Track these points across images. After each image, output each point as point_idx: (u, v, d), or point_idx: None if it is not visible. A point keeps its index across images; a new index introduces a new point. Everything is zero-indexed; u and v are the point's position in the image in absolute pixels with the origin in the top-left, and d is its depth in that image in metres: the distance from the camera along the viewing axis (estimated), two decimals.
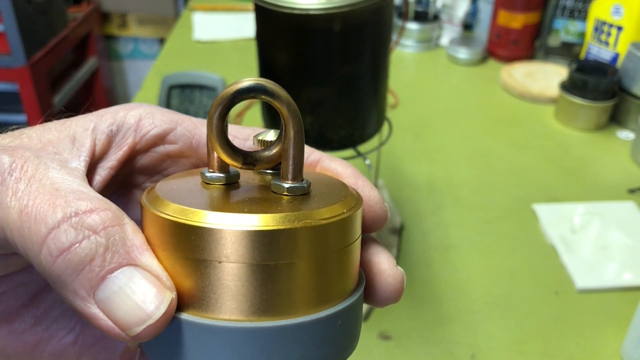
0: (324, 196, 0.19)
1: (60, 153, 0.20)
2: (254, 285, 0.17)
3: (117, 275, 0.17)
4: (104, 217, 0.17)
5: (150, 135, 0.22)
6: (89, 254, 0.17)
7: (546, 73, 1.12)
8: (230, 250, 0.17)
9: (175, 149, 0.23)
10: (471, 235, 0.74)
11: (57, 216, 0.17)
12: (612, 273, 0.67)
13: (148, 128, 0.22)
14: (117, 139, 0.22)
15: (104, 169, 0.22)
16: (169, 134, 0.23)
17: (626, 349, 0.56)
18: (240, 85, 0.19)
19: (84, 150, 0.21)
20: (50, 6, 1.52)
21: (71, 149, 0.21)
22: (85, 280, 0.17)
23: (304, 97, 0.53)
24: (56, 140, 0.21)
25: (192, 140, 0.23)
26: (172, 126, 0.23)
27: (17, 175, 0.18)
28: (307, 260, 0.18)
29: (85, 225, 0.17)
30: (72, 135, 0.21)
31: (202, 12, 1.41)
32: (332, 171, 0.23)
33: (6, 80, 1.45)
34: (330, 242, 0.18)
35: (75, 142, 0.21)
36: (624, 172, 0.87)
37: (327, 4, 0.47)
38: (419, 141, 0.94)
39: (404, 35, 1.24)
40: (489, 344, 0.59)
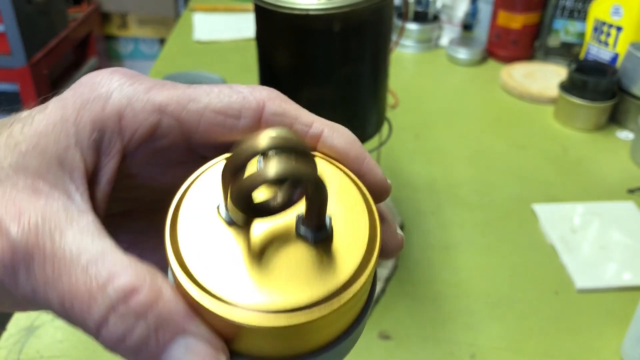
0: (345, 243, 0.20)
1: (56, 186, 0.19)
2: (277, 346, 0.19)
3: (173, 346, 0.17)
4: (145, 297, 0.17)
5: (137, 137, 0.21)
6: (142, 338, 0.17)
7: (546, 73, 1.12)
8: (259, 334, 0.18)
9: (165, 143, 0.21)
10: (471, 235, 0.74)
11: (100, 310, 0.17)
12: (612, 273, 0.67)
13: (132, 127, 0.20)
14: (104, 146, 0.20)
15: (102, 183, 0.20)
16: (156, 129, 0.21)
17: (626, 349, 0.56)
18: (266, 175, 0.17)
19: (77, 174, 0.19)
20: (50, 6, 1.53)
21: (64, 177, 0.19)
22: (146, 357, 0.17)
23: (304, 97, 0.53)
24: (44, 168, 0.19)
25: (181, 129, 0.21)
26: (156, 118, 0.20)
27: (39, 259, 0.17)
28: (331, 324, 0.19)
29: (131, 313, 0.17)
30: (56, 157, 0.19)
31: (202, 12, 1.41)
32: (335, 152, 0.22)
33: (6, 80, 1.45)
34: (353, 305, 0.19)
35: (63, 166, 0.19)
36: (624, 172, 0.87)
37: (327, 4, 0.47)
38: (419, 141, 0.94)
39: (403, 35, 1.24)
40: (488, 343, 0.59)
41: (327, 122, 0.22)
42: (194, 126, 0.21)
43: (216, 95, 0.21)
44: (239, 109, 0.21)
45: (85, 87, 0.20)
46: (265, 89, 0.22)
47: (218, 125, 0.21)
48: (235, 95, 0.21)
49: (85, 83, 0.21)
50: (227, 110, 0.21)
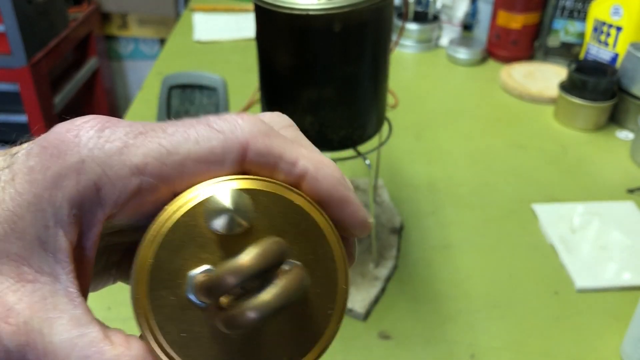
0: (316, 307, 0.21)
1: (42, 270, 0.18)
2: None
3: None
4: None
5: (118, 203, 0.19)
6: None
7: (545, 73, 1.12)
8: None
9: (147, 199, 0.20)
10: (471, 235, 0.74)
11: None
12: (612, 273, 0.67)
13: (112, 197, 0.19)
14: (85, 218, 0.19)
15: (88, 250, 0.20)
16: (136, 192, 0.19)
17: (625, 349, 0.57)
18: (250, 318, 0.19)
19: (61, 256, 0.19)
20: (50, 6, 1.53)
21: (47, 259, 0.18)
22: None
23: (304, 97, 0.54)
24: (26, 252, 0.18)
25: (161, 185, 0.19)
26: (135, 183, 0.19)
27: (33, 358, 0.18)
28: None
29: None
30: (37, 240, 0.18)
31: (202, 12, 1.41)
32: (318, 197, 0.21)
33: (7, 80, 1.45)
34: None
35: (46, 247, 0.18)
36: (624, 172, 0.87)
37: (327, 4, 0.47)
38: (419, 141, 0.94)
39: (403, 35, 1.24)
40: (488, 343, 0.59)
41: (313, 159, 0.21)
42: (176, 178, 0.20)
43: (194, 141, 0.19)
44: (221, 154, 0.20)
45: (52, 156, 0.19)
46: (247, 122, 0.20)
47: (201, 174, 0.20)
48: (215, 138, 0.20)
49: (52, 149, 0.19)
50: (209, 157, 0.20)
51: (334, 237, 0.21)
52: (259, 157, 0.20)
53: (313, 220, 0.21)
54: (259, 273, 0.18)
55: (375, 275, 0.65)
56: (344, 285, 0.21)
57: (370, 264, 0.67)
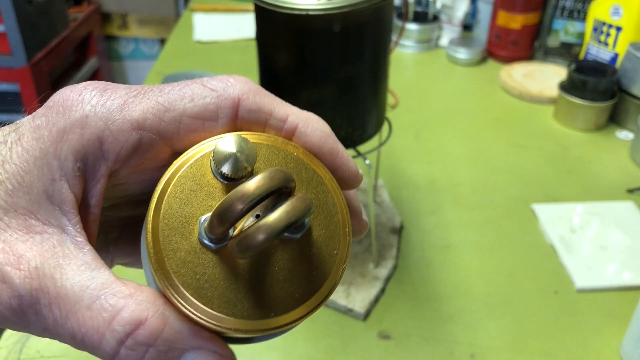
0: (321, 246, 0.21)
1: (49, 222, 0.19)
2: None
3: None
4: (151, 327, 0.18)
5: (120, 157, 0.20)
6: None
7: (545, 73, 1.12)
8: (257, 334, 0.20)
9: (148, 155, 0.21)
10: (471, 235, 0.74)
11: (111, 345, 0.18)
12: (611, 273, 0.67)
13: (115, 150, 0.20)
14: (89, 172, 0.20)
15: (92, 206, 0.20)
16: (137, 147, 0.20)
17: (625, 348, 0.57)
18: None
19: (67, 207, 0.19)
20: (51, 7, 1.53)
21: (54, 211, 0.19)
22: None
23: (304, 97, 0.54)
24: (34, 206, 0.19)
25: (161, 141, 0.21)
26: (136, 137, 0.20)
27: (45, 302, 0.18)
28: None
29: (140, 343, 0.18)
30: (44, 193, 0.19)
31: (202, 12, 1.41)
32: (309, 147, 0.22)
33: (7, 80, 1.45)
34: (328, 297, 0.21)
35: (52, 200, 0.19)
36: (623, 172, 0.87)
37: (327, 4, 0.48)
38: (419, 141, 0.94)
39: (403, 35, 1.24)
40: (488, 343, 0.59)
41: (302, 115, 0.22)
42: (174, 134, 0.21)
43: (190, 98, 0.21)
44: (215, 110, 0.21)
45: (58, 114, 0.20)
46: (238, 82, 0.22)
47: (197, 130, 0.21)
48: (208, 95, 0.21)
49: (57, 107, 0.20)
50: (204, 114, 0.21)
51: (334, 185, 0.22)
52: (250, 113, 0.22)
53: (312, 169, 0.22)
54: (265, 196, 0.19)
55: (375, 275, 0.65)
56: (346, 228, 0.21)
57: (370, 264, 0.67)
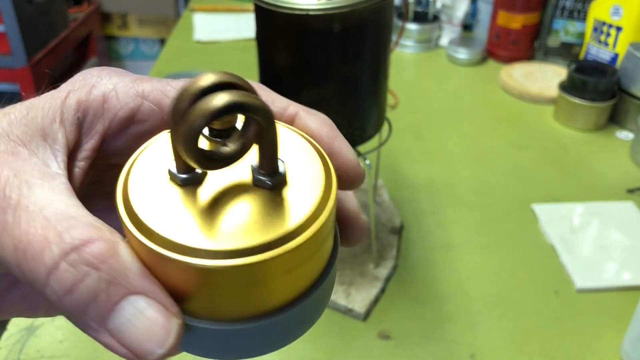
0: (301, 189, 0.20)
1: (35, 154, 0.19)
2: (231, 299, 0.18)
3: (123, 305, 0.17)
4: (100, 248, 0.17)
5: (119, 118, 0.21)
6: (92, 291, 0.17)
7: (545, 73, 1.12)
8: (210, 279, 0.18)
9: (146, 127, 0.22)
10: (471, 235, 0.74)
11: (53, 254, 0.17)
12: (611, 273, 0.67)
13: (114, 110, 0.21)
14: (86, 126, 0.21)
15: (80, 160, 0.21)
16: (137, 112, 0.22)
17: (625, 349, 0.57)
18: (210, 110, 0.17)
19: (58, 147, 0.20)
20: (51, 7, 1.53)
21: (44, 147, 0.20)
22: (93, 314, 0.17)
23: (304, 97, 0.54)
24: (26, 138, 0.20)
25: (161, 114, 0.22)
26: (138, 102, 0.22)
27: (3, 206, 0.17)
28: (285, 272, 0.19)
29: (84, 262, 0.17)
30: (41, 129, 0.20)
31: (202, 12, 1.41)
32: (308, 131, 0.22)
33: (7, 80, 1.45)
34: (307, 250, 0.19)
35: (46, 137, 0.20)
36: (623, 172, 0.87)
37: (327, 4, 0.47)
38: (419, 141, 0.94)
39: (403, 35, 1.24)
40: (488, 343, 0.59)
41: (303, 107, 0.23)
42: None
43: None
44: None
45: (77, 77, 0.22)
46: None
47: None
48: None
49: (79, 75, 0.22)
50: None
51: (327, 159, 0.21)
52: None
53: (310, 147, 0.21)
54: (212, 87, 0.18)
55: (375, 275, 0.65)
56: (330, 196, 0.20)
57: (370, 264, 0.67)
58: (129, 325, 0.17)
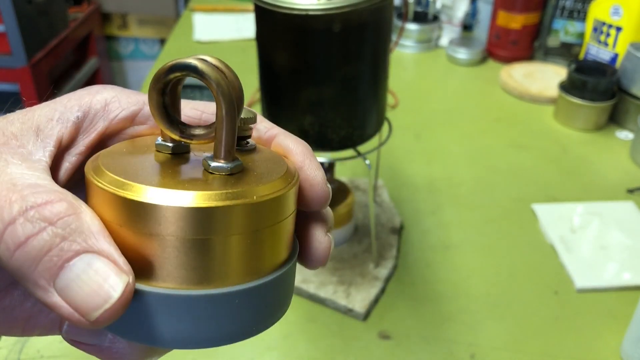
0: (262, 174, 0.21)
1: (23, 146, 0.20)
2: (189, 258, 0.19)
3: (75, 263, 0.17)
4: (60, 207, 0.17)
5: (119, 118, 0.22)
6: (45, 245, 0.17)
7: (545, 73, 1.12)
8: (166, 225, 0.18)
9: (145, 129, 0.23)
10: (471, 235, 0.74)
11: (12, 211, 0.17)
12: (612, 273, 0.67)
13: (116, 111, 0.22)
14: (85, 125, 0.22)
15: (73, 155, 0.22)
16: (137, 114, 0.23)
17: (625, 349, 0.57)
18: (173, 63, 0.19)
19: (49, 141, 0.21)
20: (50, 7, 1.53)
21: (35, 141, 0.20)
22: (44, 270, 0.17)
23: (304, 97, 0.54)
24: (19, 132, 0.20)
25: None
26: (139, 107, 0.23)
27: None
28: (241, 236, 0.19)
29: (41, 217, 0.17)
30: (36, 126, 0.21)
31: (202, 12, 1.41)
32: (284, 148, 0.23)
33: (7, 80, 1.45)
34: (263, 218, 0.20)
35: (39, 133, 0.21)
36: (623, 172, 0.87)
37: (327, 4, 0.47)
38: (419, 141, 0.94)
39: (403, 35, 1.24)
40: (488, 343, 0.59)
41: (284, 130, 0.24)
42: None
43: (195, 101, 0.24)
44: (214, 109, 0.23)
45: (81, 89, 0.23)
46: None
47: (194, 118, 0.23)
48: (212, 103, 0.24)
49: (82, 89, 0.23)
50: (205, 108, 0.24)
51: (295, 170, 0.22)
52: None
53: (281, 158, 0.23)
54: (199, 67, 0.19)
55: (375, 275, 0.65)
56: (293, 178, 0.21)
57: (370, 264, 0.67)
58: (77, 281, 0.17)
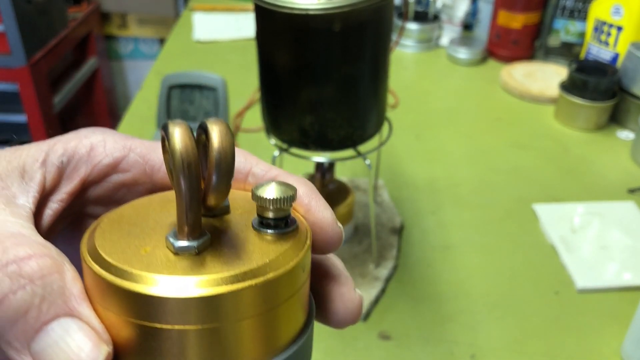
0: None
1: (8, 187, 0.19)
2: (195, 350, 0.17)
3: (53, 327, 0.16)
4: (42, 264, 0.16)
5: (102, 165, 0.22)
6: (24, 305, 0.16)
7: (546, 73, 1.12)
8: (170, 316, 0.16)
9: (128, 177, 0.22)
10: (471, 235, 0.74)
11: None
12: (612, 273, 0.67)
13: (99, 157, 0.22)
14: (68, 170, 0.21)
15: (55, 202, 0.21)
16: (121, 162, 0.22)
17: (626, 349, 0.56)
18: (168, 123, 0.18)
19: (33, 185, 0.20)
20: (50, 6, 1.52)
21: (20, 183, 0.20)
22: (20, 332, 0.16)
23: (304, 96, 0.53)
24: (4, 173, 0.20)
25: (145, 166, 0.22)
26: (124, 153, 0.22)
27: None
28: (253, 318, 0.17)
29: (22, 274, 0.16)
30: (21, 167, 0.20)
31: (202, 12, 1.41)
32: None
33: (6, 80, 1.45)
34: (277, 294, 0.18)
35: (24, 175, 0.20)
36: (624, 172, 0.87)
37: (327, 4, 0.47)
38: (419, 141, 0.94)
39: (404, 35, 1.24)
40: (489, 343, 0.59)
41: (283, 170, 0.23)
42: (157, 164, 0.22)
43: None
44: None
45: (70, 133, 0.22)
46: None
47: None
48: None
49: (71, 132, 0.23)
50: None
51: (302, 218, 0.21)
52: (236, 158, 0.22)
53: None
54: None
55: (375, 276, 0.65)
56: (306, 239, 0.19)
57: (370, 264, 0.66)
58: (54, 347, 0.16)
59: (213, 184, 0.17)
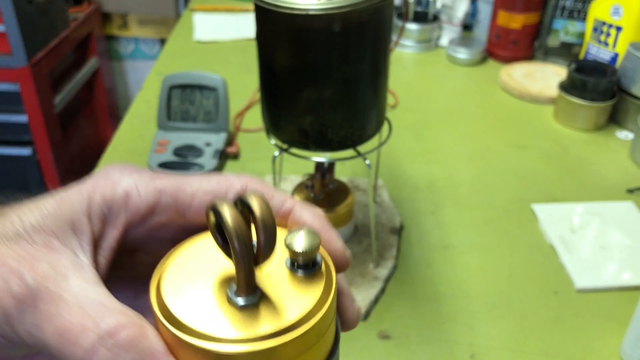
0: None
1: (66, 244, 0.22)
2: None
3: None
4: (131, 333, 0.20)
5: (140, 211, 0.24)
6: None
7: (545, 73, 1.12)
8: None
9: (162, 219, 0.25)
10: (470, 235, 0.74)
11: (91, 339, 0.20)
12: (611, 273, 0.67)
13: (136, 204, 0.24)
14: (110, 219, 0.24)
15: (105, 250, 0.24)
16: (156, 207, 0.24)
17: (625, 349, 0.57)
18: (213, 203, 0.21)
19: (85, 238, 0.23)
20: (51, 6, 1.53)
21: (74, 238, 0.22)
22: None
23: (304, 97, 0.54)
24: (59, 231, 0.22)
25: (176, 207, 0.25)
26: (156, 198, 0.24)
27: (45, 298, 0.20)
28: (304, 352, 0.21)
29: (118, 345, 0.20)
30: (71, 223, 0.23)
31: (202, 12, 1.41)
32: (303, 223, 0.25)
33: (7, 80, 1.45)
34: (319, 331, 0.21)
35: (75, 230, 0.23)
36: (623, 172, 0.87)
37: (327, 4, 0.48)
38: (419, 141, 0.94)
39: (403, 35, 1.24)
40: (488, 343, 0.59)
41: (298, 202, 0.26)
42: (187, 203, 0.25)
43: (207, 180, 0.25)
44: (226, 190, 0.25)
45: (101, 174, 0.25)
46: (248, 177, 0.26)
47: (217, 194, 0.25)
48: (223, 180, 0.26)
49: (101, 173, 0.25)
50: (216, 190, 0.25)
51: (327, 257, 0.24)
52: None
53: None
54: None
55: (375, 275, 0.65)
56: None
57: (370, 264, 0.67)
58: None
59: (262, 249, 0.21)
